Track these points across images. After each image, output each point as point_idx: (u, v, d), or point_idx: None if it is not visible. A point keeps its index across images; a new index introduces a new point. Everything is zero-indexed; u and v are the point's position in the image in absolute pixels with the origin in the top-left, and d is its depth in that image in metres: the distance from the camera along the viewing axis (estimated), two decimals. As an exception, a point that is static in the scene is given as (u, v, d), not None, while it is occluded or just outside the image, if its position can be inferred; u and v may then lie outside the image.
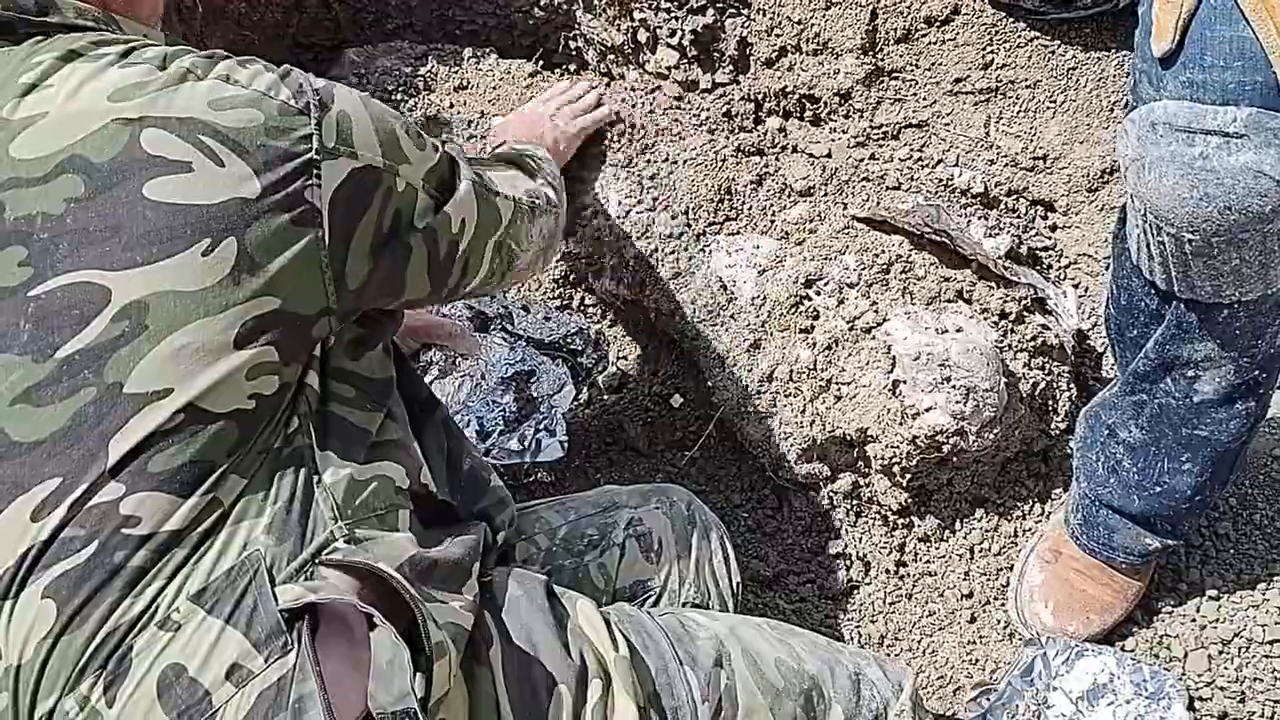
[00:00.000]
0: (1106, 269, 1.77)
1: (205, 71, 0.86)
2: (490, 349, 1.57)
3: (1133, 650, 1.53)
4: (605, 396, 1.85)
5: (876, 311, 1.61)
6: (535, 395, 1.58)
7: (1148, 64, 1.14)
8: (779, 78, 1.99)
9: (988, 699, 1.46)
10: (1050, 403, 1.66)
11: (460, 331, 1.59)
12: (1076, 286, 1.81)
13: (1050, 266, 1.82)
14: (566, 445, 1.59)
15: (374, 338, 1.02)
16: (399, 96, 1.92)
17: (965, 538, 1.65)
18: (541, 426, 1.57)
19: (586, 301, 1.92)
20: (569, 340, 1.66)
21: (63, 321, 0.80)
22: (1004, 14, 1.81)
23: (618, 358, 1.90)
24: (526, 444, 1.56)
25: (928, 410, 1.54)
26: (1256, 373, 1.28)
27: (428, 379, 1.52)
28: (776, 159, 1.85)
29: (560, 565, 1.24)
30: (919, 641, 1.60)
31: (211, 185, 0.82)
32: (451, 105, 1.94)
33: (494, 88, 1.97)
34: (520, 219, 1.17)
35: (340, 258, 0.90)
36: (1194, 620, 1.54)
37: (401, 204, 0.95)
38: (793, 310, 1.66)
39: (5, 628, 0.80)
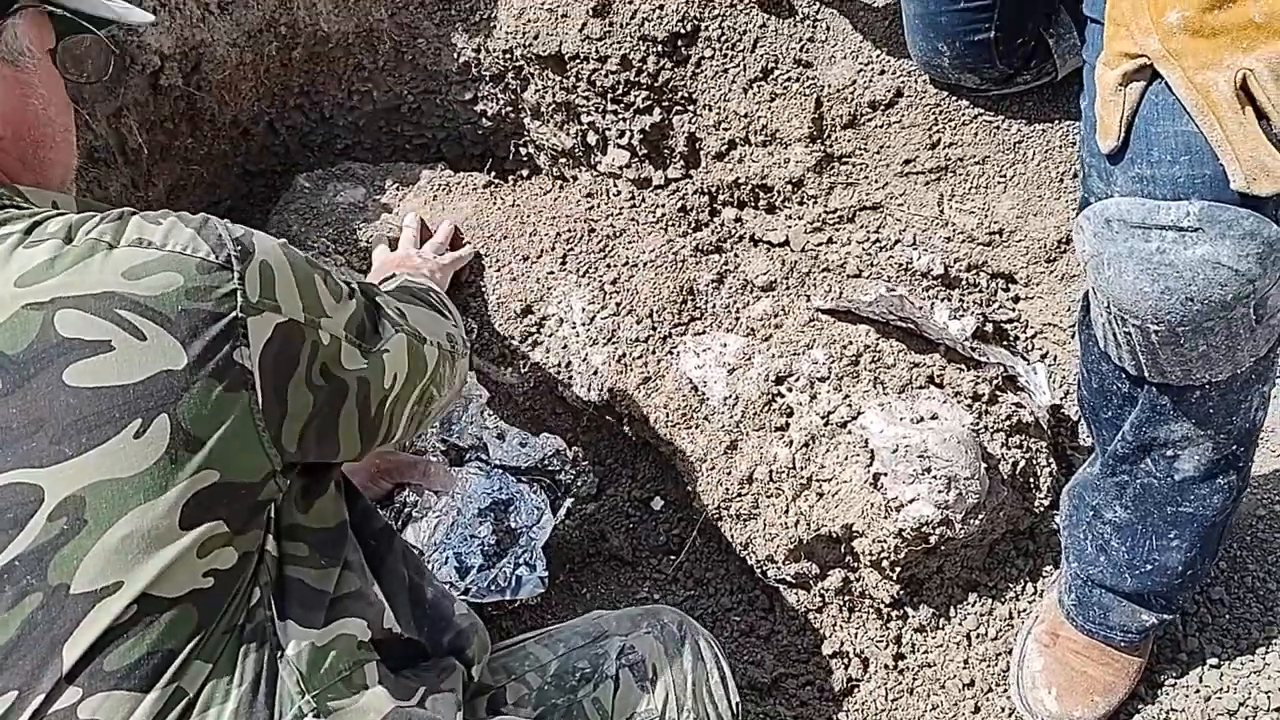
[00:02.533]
0: (1073, 337, 1.78)
1: (116, 237, 0.82)
2: (466, 481, 1.54)
3: (1141, 729, 1.51)
4: (585, 506, 1.82)
5: (850, 405, 1.60)
6: (514, 526, 1.55)
7: (1096, 159, 1.15)
8: (730, 170, 2.01)
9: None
10: (1031, 480, 1.65)
11: (433, 469, 1.56)
12: (1044, 357, 1.81)
13: (1017, 339, 1.82)
14: (546, 580, 1.56)
15: (323, 481, 0.99)
16: (357, 221, 1.91)
17: (961, 624, 1.63)
18: (521, 561, 1.54)
19: (557, 410, 1.90)
20: (547, 463, 1.64)
21: None
22: (947, 93, 1.84)
23: (594, 464, 1.88)
24: (507, 581, 1.53)
25: (911, 502, 1.53)
26: (1235, 448, 1.28)
27: (400, 522, 1.49)
28: (736, 255, 1.86)
29: (554, 704, 1.21)
30: (925, 737, 1.57)
31: (135, 362, 0.79)
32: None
33: (450, 201, 1.97)
34: (443, 364, 1.16)
35: (276, 420, 0.87)
36: (1198, 692, 1.52)
37: (327, 358, 0.92)
38: (766, 408, 1.65)
39: None
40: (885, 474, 1.54)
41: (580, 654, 1.25)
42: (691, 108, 1.99)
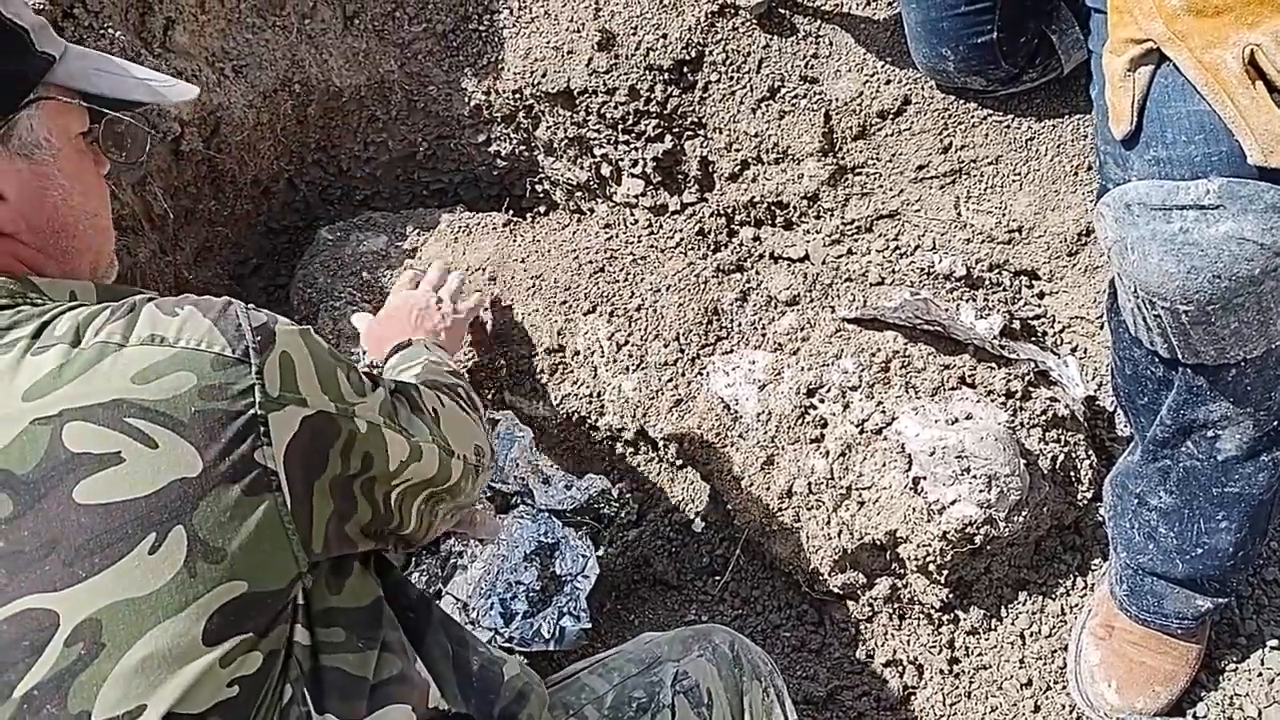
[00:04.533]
0: (1101, 329, 1.78)
1: (126, 335, 0.78)
2: (512, 526, 1.55)
3: (1205, 716, 1.49)
4: (627, 533, 1.83)
5: (883, 411, 1.60)
6: (559, 573, 1.56)
7: (1111, 146, 1.16)
8: (745, 190, 2.02)
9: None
10: (1072, 473, 1.65)
11: (479, 517, 1.56)
12: (1075, 350, 1.81)
13: (1045, 334, 1.82)
14: (590, 631, 1.56)
15: (350, 559, 0.94)
16: (381, 269, 1.94)
17: (1013, 624, 1.62)
18: (565, 611, 1.54)
19: (592, 439, 1.91)
20: (594, 503, 1.64)
21: (14, 656, 0.73)
22: (954, 97, 1.85)
23: (632, 491, 1.89)
24: (551, 632, 1.53)
25: (953, 503, 1.52)
26: (1276, 424, 1.28)
27: (447, 570, 1.49)
28: (757, 273, 1.87)
29: None
30: (986, 740, 1.56)
31: (147, 472, 0.74)
32: (431, 265, 1.96)
33: (471, 242, 2.00)
34: (466, 480, 1.10)
35: (305, 520, 0.82)
36: (1260, 675, 1.50)
37: (370, 448, 0.88)
38: (800, 421, 1.65)
39: None
40: (925, 477, 1.53)
41: (635, 683, 1.24)
42: (702, 132, 2.01)
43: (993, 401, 1.61)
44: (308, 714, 0.84)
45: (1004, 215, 1.83)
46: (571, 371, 1.81)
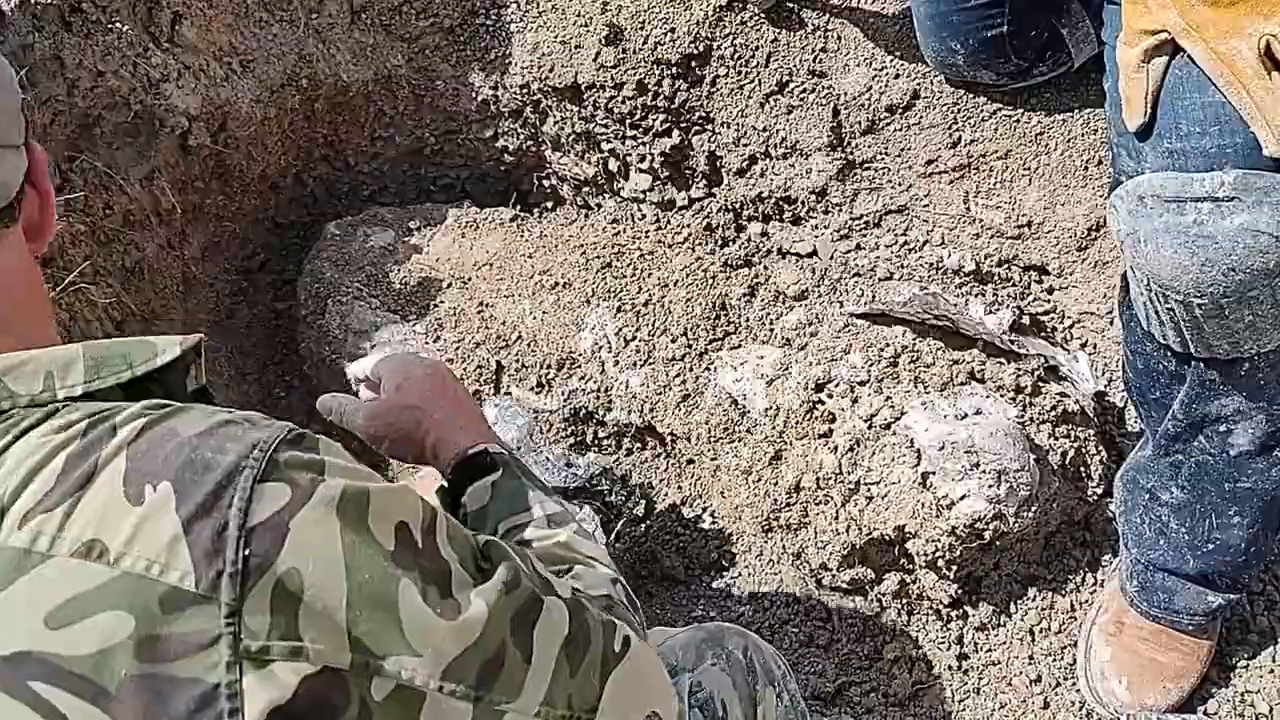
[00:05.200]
0: (1111, 324, 1.77)
1: (58, 535, 0.54)
2: None
3: (1216, 713, 1.48)
4: (635, 528, 1.82)
5: (892, 406, 1.60)
6: None
7: (1124, 138, 1.15)
8: (753, 185, 2.02)
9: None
10: (1082, 469, 1.64)
11: None
12: (1084, 346, 1.80)
13: (1055, 330, 1.82)
14: None
15: None
16: (388, 264, 1.94)
17: (1023, 620, 1.62)
18: None
19: (599, 435, 1.91)
20: (595, 482, 1.63)
21: None
22: (964, 91, 1.84)
23: (640, 485, 1.88)
24: None
25: (962, 499, 1.52)
26: (1289, 418, 1.27)
27: None
28: (765, 268, 1.87)
29: None
30: (996, 736, 1.55)
31: None
32: (438, 260, 1.96)
33: (478, 238, 1.99)
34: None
35: None
36: (1272, 672, 1.49)
37: None
38: (808, 416, 1.64)
39: None
40: (934, 472, 1.53)
41: None
42: (710, 127, 2.00)
43: (1002, 397, 1.61)
44: None
45: (1013, 210, 1.83)
46: (579, 366, 1.81)
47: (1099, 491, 1.64)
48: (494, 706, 0.62)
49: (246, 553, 0.54)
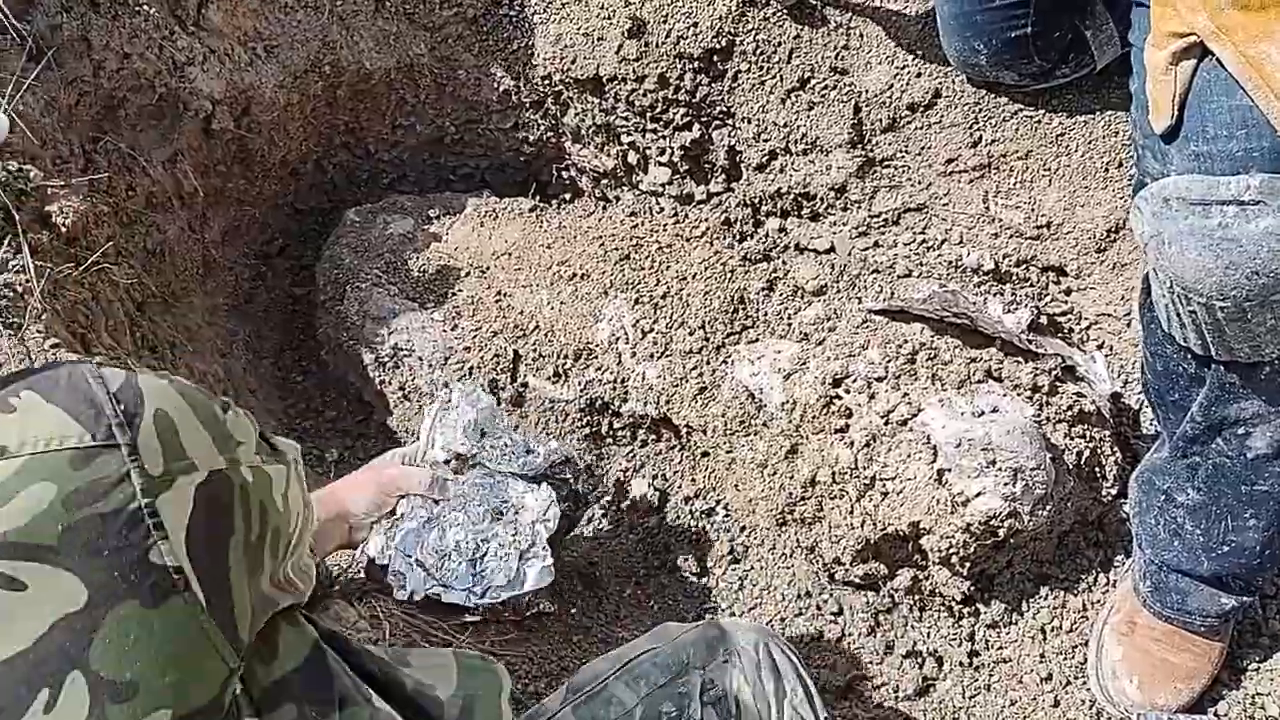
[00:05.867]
0: (1128, 326, 1.77)
1: None
2: (470, 486, 1.53)
3: (1226, 715, 1.49)
4: (647, 520, 1.83)
5: (909, 402, 1.61)
6: (519, 523, 1.53)
7: (1150, 139, 1.16)
8: (772, 180, 2.02)
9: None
10: (1097, 469, 1.65)
11: (430, 480, 1.52)
12: (1101, 347, 1.81)
13: (1072, 330, 1.82)
14: (553, 569, 1.53)
15: (274, 618, 0.82)
16: (407, 251, 1.94)
17: (1034, 618, 1.62)
18: (528, 555, 1.52)
19: (614, 425, 1.92)
20: (556, 470, 1.62)
21: None
22: (985, 91, 1.84)
23: (653, 478, 1.89)
24: (512, 577, 1.51)
25: (977, 496, 1.52)
26: (1308, 423, 1.27)
27: (401, 532, 1.48)
28: (784, 262, 1.87)
29: None
30: (1005, 733, 1.56)
31: (21, 621, 0.62)
32: (456, 249, 1.97)
33: (497, 227, 2.00)
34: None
35: (225, 610, 0.69)
36: (1283, 675, 1.50)
37: (261, 494, 0.75)
38: (825, 411, 1.65)
39: None
40: (950, 469, 1.54)
41: (663, 694, 1.21)
42: (730, 121, 2.01)
43: (1019, 395, 1.61)
44: None
45: (1033, 210, 1.83)
46: (596, 357, 1.82)
47: (1113, 492, 1.65)
48: (286, 466, 0.80)
49: (121, 407, 0.66)
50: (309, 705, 0.80)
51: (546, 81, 2.07)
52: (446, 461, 1.57)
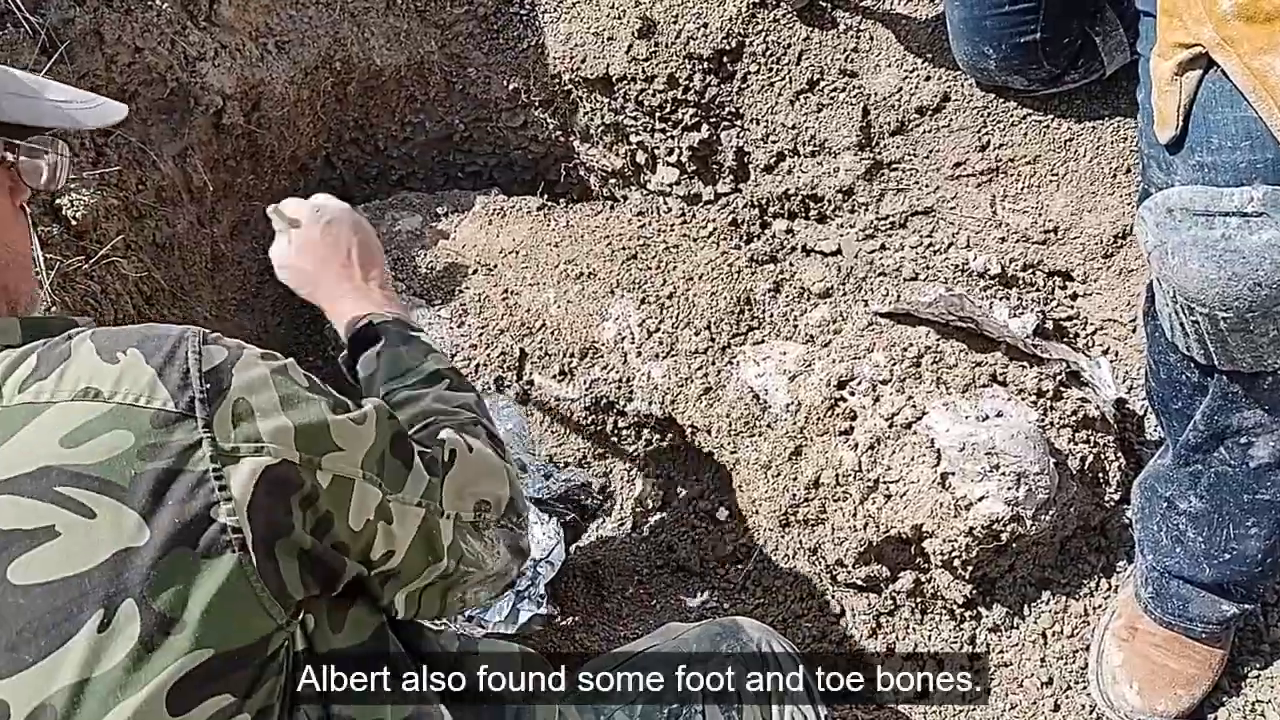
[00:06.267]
0: (1134, 332, 1.78)
1: (56, 387, 0.71)
2: None
3: (1226, 721, 1.49)
4: (650, 519, 1.84)
5: (914, 405, 1.61)
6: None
7: (1155, 150, 1.16)
8: (780, 182, 2.03)
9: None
10: (1101, 475, 1.65)
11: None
12: (1106, 353, 1.81)
13: (1077, 336, 1.82)
14: (545, 616, 1.54)
15: (351, 586, 0.86)
16: (415, 249, 1.95)
17: (1036, 622, 1.63)
18: (525, 594, 1.53)
19: (619, 424, 1.93)
20: (573, 494, 1.63)
21: None
22: (994, 95, 1.85)
23: (657, 477, 1.90)
24: (505, 615, 1.52)
25: (980, 500, 1.53)
26: (1310, 432, 1.28)
27: None
28: (790, 264, 1.88)
29: None
30: (1005, 736, 1.57)
31: (86, 545, 0.68)
32: (464, 246, 1.97)
33: (505, 225, 2.01)
34: (460, 539, 0.95)
35: (273, 575, 0.74)
36: (1283, 683, 1.50)
37: (330, 504, 0.78)
38: (829, 413, 1.66)
39: None
40: (953, 473, 1.54)
41: (665, 689, 1.24)
42: (739, 122, 2.01)
43: (1023, 400, 1.62)
44: None
45: (1040, 215, 1.83)
46: (601, 356, 1.83)
47: (1116, 498, 1.65)
48: (391, 494, 0.84)
49: (207, 386, 0.73)
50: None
51: (556, 80, 2.07)
52: None
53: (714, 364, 1.78)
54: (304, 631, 0.79)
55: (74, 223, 1.63)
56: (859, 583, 1.67)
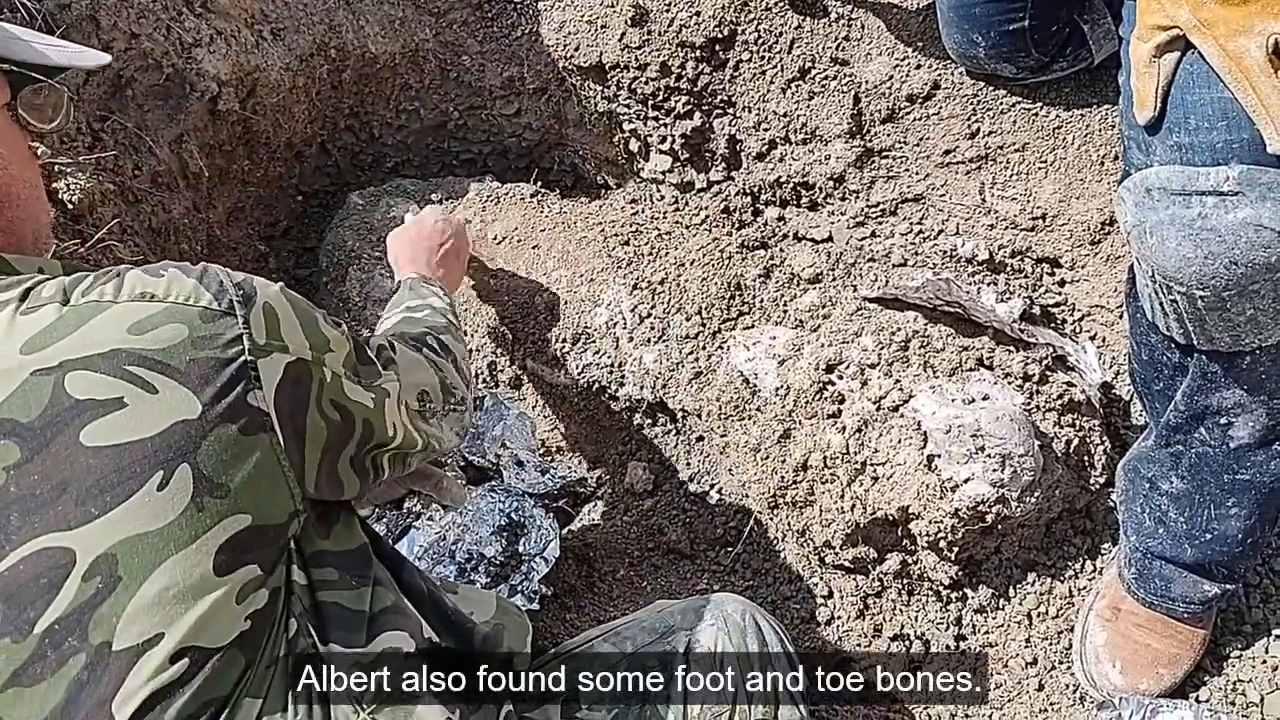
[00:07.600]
0: (1120, 318, 1.79)
1: (116, 293, 0.83)
2: (480, 499, 1.56)
3: (1208, 700, 1.51)
4: (642, 502, 1.86)
5: (901, 389, 1.63)
6: (521, 551, 1.57)
7: (1134, 131, 1.17)
8: (772, 169, 2.04)
9: (1068, 768, 1.44)
10: (1086, 458, 1.66)
11: (446, 483, 1.56)
12: (1093, 339, 1.82)
13: (1065, 322, 1.84)
14: (538, 610, 1.57)
15: (334, 509, 1.00)
16: (407, 234, 1.96)
17: (1021, 604, 1.64)
18: (518, 589, 1.55)
19: (611, 409, 1.94)
20: (569, 488, 1.66)
21: (33, 594, 0.77)
22: (984, 83, 1.86)
23: (648, 461, 1.92)
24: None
25: (966, 482, 1.54)
26: (1289, 412, 1.29)
27: (401, 530, 1.51)
28: (781, 250, 1.89)
29: (623, 707, 1.21)
30: (989, 716, 1.58)
31: (149, 415, 0.79)
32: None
33: (499, 212, 2.02)
34: (409, 424, 1.12)
35: (297, 458, 0.89)
36: (1264, 662, 1.52)
37: (333, 393, 0.94)
38: (818, 397, 1.67)
39: None
40: (939, 455, 1.56)
41: (648, 651, 1.25)
42: (731, 110, 2.03)
43: (1010, 384, 1.63)
44: (313, 644, 0.90)
45: (1028, 202, 1.85)
46: (594, 341, 1.84)
47: (1101, 481, 1.67)
48: (370, 384, 1.01)
49: (240, 293, 0.87)
50: (346, 574, 0.96)
51: (549, 68, 2.09)
52: (464, 469, 1.60)
53: (705, 349, 1.79)
54: (295, 541, 0.91)
55: (70, 206, 1.65)
56: (846, 564, 1.68)
